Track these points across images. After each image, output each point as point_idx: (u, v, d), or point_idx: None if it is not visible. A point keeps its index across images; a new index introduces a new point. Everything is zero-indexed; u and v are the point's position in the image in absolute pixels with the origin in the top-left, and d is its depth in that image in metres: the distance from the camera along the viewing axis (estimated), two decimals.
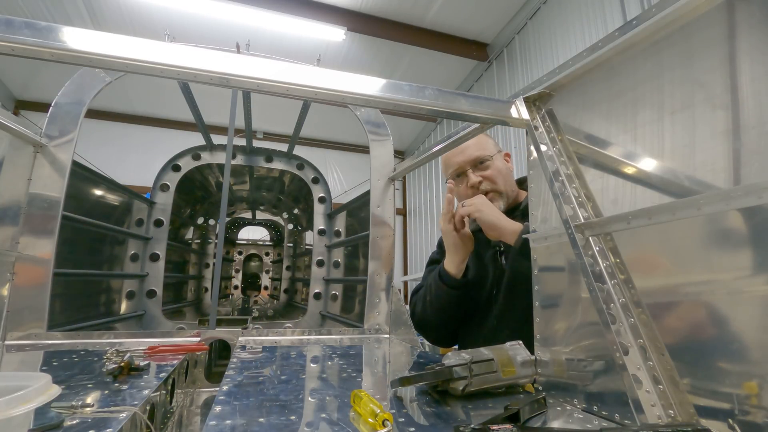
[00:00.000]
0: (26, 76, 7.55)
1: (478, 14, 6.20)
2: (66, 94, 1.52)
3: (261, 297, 4.28)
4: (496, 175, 1.48)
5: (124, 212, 2.36)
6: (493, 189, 1.47)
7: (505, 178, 1.49)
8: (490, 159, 1.49)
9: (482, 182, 1.47)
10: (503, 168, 1.51)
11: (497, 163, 1.50)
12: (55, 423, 0.61)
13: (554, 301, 0.90)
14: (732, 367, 0.58)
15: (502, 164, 1.51)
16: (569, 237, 0.84)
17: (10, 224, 1.32)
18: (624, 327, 0.72)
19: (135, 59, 0.79)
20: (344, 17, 6.13)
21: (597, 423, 0.70)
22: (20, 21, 0.74)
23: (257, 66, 0.86)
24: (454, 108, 0.99)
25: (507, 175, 1.51)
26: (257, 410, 0.70)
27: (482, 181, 1.47)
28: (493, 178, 1.47)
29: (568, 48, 5.18)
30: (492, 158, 1.49)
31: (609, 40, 0.81)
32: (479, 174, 1.48)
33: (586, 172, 0.90)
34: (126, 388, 0.83)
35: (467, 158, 1.49)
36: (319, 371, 1.06)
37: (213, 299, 1.87)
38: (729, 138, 0.63)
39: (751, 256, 0.58)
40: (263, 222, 4.41)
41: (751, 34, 0.62)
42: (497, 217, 1.31)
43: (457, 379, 0.79)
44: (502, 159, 1.54)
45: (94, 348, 1.27)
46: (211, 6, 5.71)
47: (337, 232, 2.75)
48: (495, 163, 1.49)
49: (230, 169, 2.01)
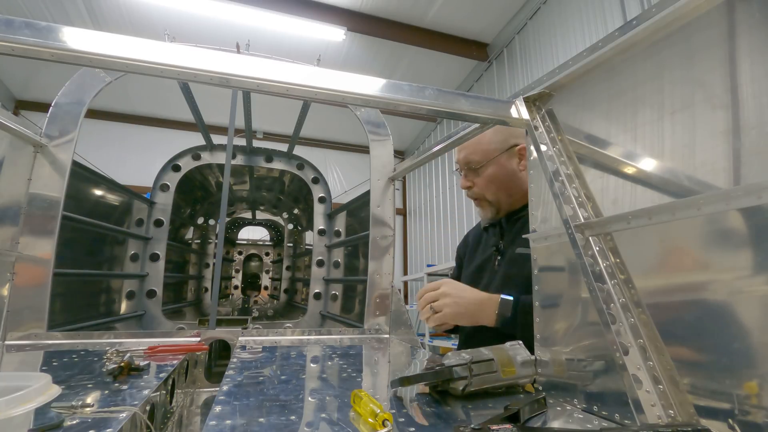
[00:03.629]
0: (26, 76, 7.56)
1: (478, 14, 6.20)
2: (66, 94, 1.52)
3: (261, 297, 4.28)
4: (487, 184, 1.38)
5: (124, 212, 2.36)
6: (480, 197, 1.41)
7: (502, 184, 1.37)
8: (480, 164, 1.38)
9: (471, 188, 1.42)
10: (501, 173, 1.37)
11: (494, 167, 1.37)
12: (55, 423, 0.61)
13: (554, 301, 0.90)
14: (732, 367, 0.58)
15: (501, 168, 1.37)
16: (569, 237, 0.84)
17: (10, 224, 1.32)
18: (624, 327, 0.72)
19: (135, 59, 0.79)
20: (344, 17, 6.14)
21: (597, 423, 0.70)
22: (20, 21, 0.74)
23: (257, 66, 0.86)
24: (454, 108, 0.99)
25: (506, 180, 1.37)
26: (257, 410, 0.70)
27: (471, 187, 1.42)
28: (482, 186, 1.39)
29: (568, 48, 5.18)
30: (486, 163, 1.37)
31: (609, 40, 0.81)
32: (471, 179, 1.42)
33: (586, 172, 0.90)
34: (126, 388, 0.83)
35: (460, 158, 1.43)
36: (319, 371, 1.06)
37: (213, 299, 1.88)
38: (729, 138, 0.63)
39: (751, 256, 0.58)
40: (263, 222, 4.41)
41: (751, 34, 0.62)
42: (464, 311, 1.19)
43: (457, 379, 0.79)
44: (509, 159, 1.37)
45: (94, 348, 1.27)
46: (211, 6, 5.71)
47: (337, 232, 2.76)
48: (490, 169, 1.37)
49: (230, 169, 2.02)
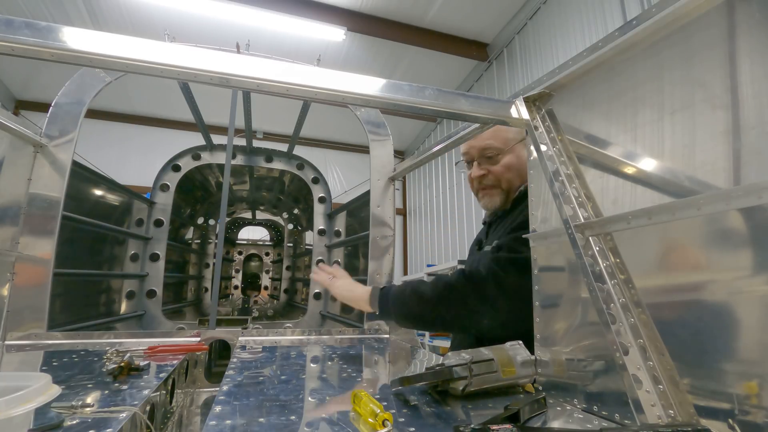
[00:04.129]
0: (26, 76, 7.56)
1: (478, 14, 6.20)
2: (66, 94, 1.52)
3: (261, 297, 4.27)
4: (504, 172, 1.36)
5: (124, 212, 2.36)
6: (495, 184, 1.38)
7: (518, 172, 1.35)
8: (500, 152, 1.36)
9: (486, 176, 1.38)
10: (517, 162, 1.35)
11: (512, 155, 1.36)
12: (55, 423, 0.61)
13: (554, 301, 0.90)
14: (732, 367, 0.58)
15: (517, 157, 1.36)
16: (569, 237, 0.84)
17: (10, 224, 1.32)
18: (624, 327, 0.72)
19: (135, 59, 0.79)
20: (344, 17, 6.14)
21: (597, 423, 0.70)
22: (20, 21, 0.74)
23: (257, 66, 0.86)
24: (454, 108, 0.99)
25: (520, 168, 1.35)
26: (257, 410, 0.70)
27: (486, 174, 1.38)
28: (498, 174, 1.36)
29: (568, 48, 5.18)
30: (504, 151, 1.36)
31: (609, 40, 0.81)
32: (485, 167, 1.38)
33: (586, 172, 0.90)
34: (126, 388, 0.83)
35: (475, 145, 1.39)
36: (319, 371, 1.06)
37: (213, 299, 1.88)
38: (729, 138, 0.63)
39: (751, 256, 0.58)
40: (263, 222, 4.40)
41: (751, 34, 0.62)
42: (347, 295, 1.41)
43: (457, 379, 0.79)
44: (522, 149, 1.34)
45: (94, 348, 1.27)
46: (211, 6, 5.71)
47: (337, 232, 2.75)
48: (507, 157, 1.36)
49: (230, 169, 2.02)
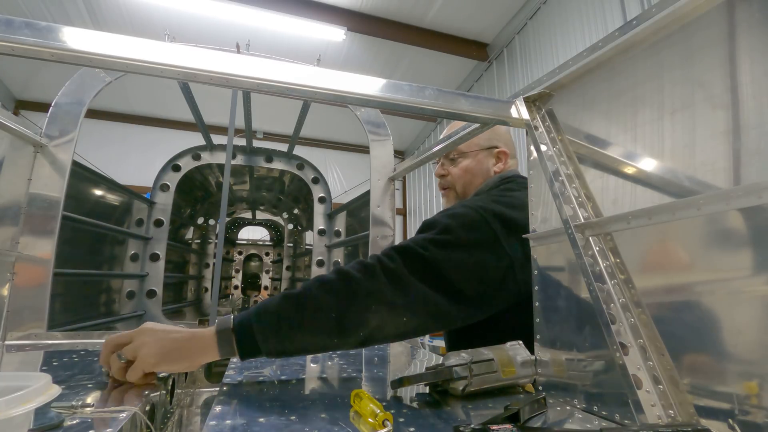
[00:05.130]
0: (26, 76, 7.56)
1: (478, 14, 6.20)
2: (66, 94, 1.52)
3: (261, 297, 4.27)
4: (459, 175, 1.39)
5: (124, 212, 2.36)
6: (451, 186, 1.41)
7: (473, 178, 1.37)
8: (461, 154, 1.39)
9: (445, 176, 1.42)
10: (475, 167, 1.37)
11: (472, 161, 1.38)
12: (55, 423, 0.61)
13: (554, 301, 0.90)
14: (732, 367, 0.58)
15: (477, 163, 1.37)
16: (569, 237, 0.84)
17: (10, 224, 1.32)
18: (624, 327, 0.72)
19: (135, 59, 0.79)
20: (344, 17, 6.14)
21: (597, 423, 0.70)
22: (20, 21, 0.74)
23: (257, 66, 0.86)
24: (454, 108, 0.99)
25: (477, 175, 1.37)
26: (257, 410, 0.70)
27: (446, 175, 1.42)
28: (454, 177, 1.40)
29: (568, 48, 5.18)
30: (466, 155, 1.38)
31: (609, 40, 0.81)
32: (447, 168, 1.42)
33: (586, 172, 0.90)
34: (126, 388, 0.83)
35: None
36: (319, 371, 1.06)
37: (213, 299, 1.88)
38: (729, 138, 0.63)
39: (751, 256, 0.58)
40: (263, 222, 4.41)
41: (751, 34, 0.62)
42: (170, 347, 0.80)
43: (457, 379, 0.79)
44: (486, 157, 1.37)
45: (94, 348, 1.27)
46: (211, 6, 5.71)
47: (337, 232, 2.76)
48: (467, 161, 1.38)
49: (230, 169, 2.02)
